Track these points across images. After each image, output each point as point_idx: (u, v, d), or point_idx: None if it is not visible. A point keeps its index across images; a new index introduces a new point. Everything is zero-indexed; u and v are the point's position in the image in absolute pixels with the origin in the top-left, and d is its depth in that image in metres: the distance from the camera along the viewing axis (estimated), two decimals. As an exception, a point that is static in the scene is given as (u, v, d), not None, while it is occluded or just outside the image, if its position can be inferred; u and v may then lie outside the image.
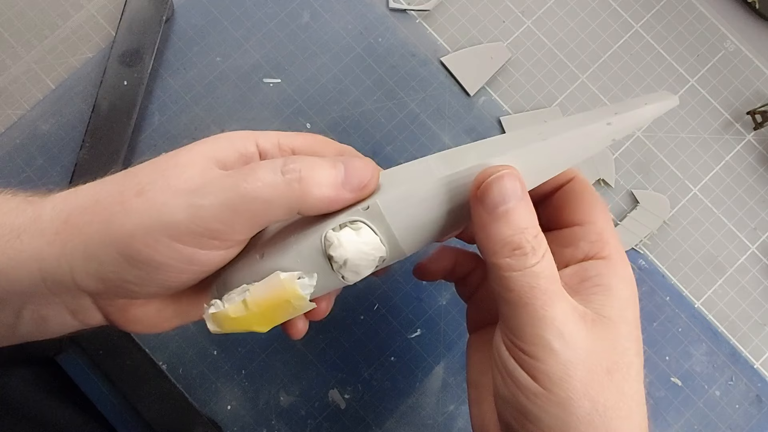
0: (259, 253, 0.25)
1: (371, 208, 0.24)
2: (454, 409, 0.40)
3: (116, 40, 0.42)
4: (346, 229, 0.24)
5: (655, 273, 0.42)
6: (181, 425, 0.38)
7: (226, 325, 0.25)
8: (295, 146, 0.27)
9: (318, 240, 0.24)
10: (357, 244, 0.24)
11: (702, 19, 0.45)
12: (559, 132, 0.24)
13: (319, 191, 0.23)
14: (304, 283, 0.24)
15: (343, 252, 0.23)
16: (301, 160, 0.23)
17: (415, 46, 0.44)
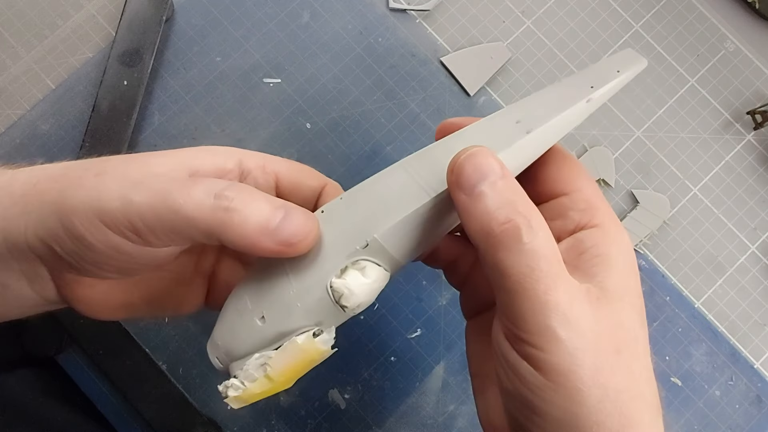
0: (257, 315, 0.24)
1: (371, 244, 0.23)
2: (454, 409, 0.40)
3: (116, 40, 0.42)
4: (350, 272, 0.23)
5: (655, 273, 0.42)
6: (181, 425, 0.38)
7: (252, 400, 0.24)
8: (280, 172, 0.26)
9: (323, 292, 0.23)
10: (366, 285, 0.23)
11: (702, 19, 0.45)
12: (540, 120, 0.23)
13: (241, 229, 0.21)
14: (324, 339, 0.23)
15: (356, 299, 0.23)
16: (241, 191, 0.22)
17: (415, 46, 0.44)
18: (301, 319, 0.23)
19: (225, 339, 0.25)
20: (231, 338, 0.24)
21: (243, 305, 0.24)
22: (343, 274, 0.23)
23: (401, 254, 0.23)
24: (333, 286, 0.23)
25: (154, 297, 0.27)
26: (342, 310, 0.23)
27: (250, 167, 0.26)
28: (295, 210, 0.22)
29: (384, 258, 0.23)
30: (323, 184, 0.27)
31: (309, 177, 0.27)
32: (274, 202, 0.22)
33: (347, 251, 0.23)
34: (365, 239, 0.23)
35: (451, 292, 0.41)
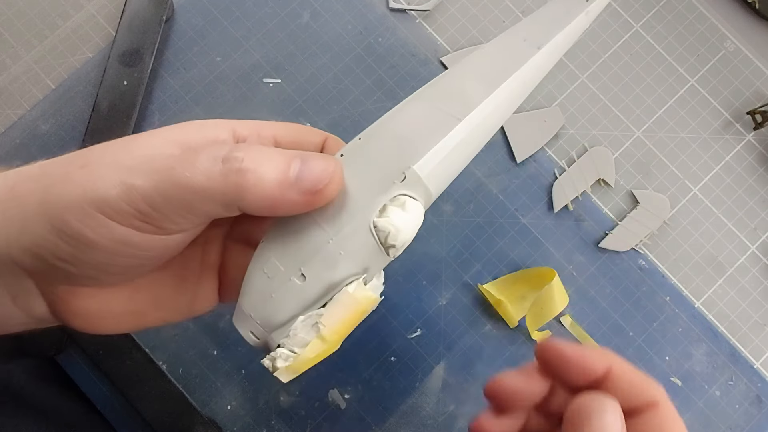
0: (294, 275, 0.22)
1: (408, 176, 0.22)
2: (454, 409, 0.40)
3: (116, 40, 0.42)
4: (390, 209, 0.22)
5: (655, 273, 0.42)
6: (181, 425, 0.38)
7: (305, 367, 0.23)
8: (277, 134, 0.25)
9: (366, 234, 0.22)
10: (410, 221, 0.22)
11: (702, 19, 0.45)
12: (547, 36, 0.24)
13: (260, 188, 0.20)
14: (375, 285, 0.23)
15: (404, 236, 0.22)
16: (249, 149, 0.20)
17: (415, 46, 0.44)
18: (347, 267, 0.22)
19: (258, 309, 0.23)
20: (266, 306, 0.23)
21: (272, 268, 0.23)
22: (383, 212, 0.22)
23: (436, 185, 0.22)
24: (378, 225, 0.22)
25: (163, 300, 0.25)
26: (386, 253, 0.22)
27: (244, 136, 0.24)
28: (312, 155, 0.21)
29: (420, 191, 0.22)
30: (324, 138, 0.26)
31: (308, 134, 0.26)
32: (287, 153, 0.21)
33: (383, 188, 0.22)
34: (402, 171, 0.22)
35: (451, 291, 0.41)
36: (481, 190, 0.42)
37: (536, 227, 0.42)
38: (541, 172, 0.43)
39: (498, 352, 0.41)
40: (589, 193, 0.43)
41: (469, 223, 0.42)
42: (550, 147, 0.43)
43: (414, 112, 0.23)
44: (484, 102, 0.23)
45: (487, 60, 0.24)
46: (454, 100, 0.23)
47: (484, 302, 0.41)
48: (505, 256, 0.42)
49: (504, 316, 0.41)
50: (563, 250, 0.42)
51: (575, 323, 0.41)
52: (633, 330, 0.41)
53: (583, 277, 0.42)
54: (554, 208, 0.42)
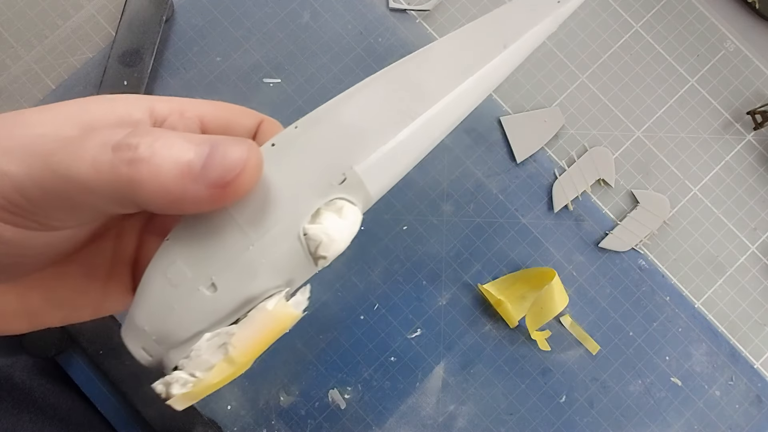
0: (203, 284, 0.18)
1: (348, 178, 0.19)
2: (454, 409, 0.40)
3: (116, 40, 0.42)
4: (325, 214, 0.19)
5: (655, 273, 0.42)
6: (181, 425, 0.38)
7: (205, 393, 0.19)
8: (204, 114, 0.21)
9: (295, 241, 0.19)
10: (345, 229, 0.19)
11: (702, 19, 0.45)
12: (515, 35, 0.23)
13: (157, 182, 0.16)
14: (299, 301, 0.20)
15: (337, 246, 0.19)
16: (148, 134, 0.17)
17: (415, 46, 0.44)
18: (268, 279, 0.19)
19: (155, 322, 0.19)
20: (166, 319, 0.19)
21: (178, 273, 0.19)
22: (316, 217, 0.19)
23: (377, 189, 0.20)
24: (308, 233, 0.19)
25: (64, 299, 0.22)
26: (315, 263, 0.19)
27: (164, 114, 0.21)
28: (225, 140, 0.17)
29: (360, 195, 0.19)
30: (258, 121, 0.23)
31: (240, 115, 0.22)
32: (194, 139, 0.17)
33: (319, 189, 0.19)
34: (342, 172, 0.19)
35: (451, 291, 0.41)
36: (481, 190, 0.42)
37: (536, 227, 0.42)
38: (541, 172, 0.43)
39: (498, 352, 0.41)
40: (589, 193, 0.43)
41: (469, 223, 0.42)
42: (550, 147, 0.43)
43: (363, 103, 0.20)
44: (442, 100, 0.20)
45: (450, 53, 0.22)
46: (410, 95, 0.20)
47: (484, 302, 0.41)
48: (505, 256, 0.42)
49: (504, 316, 0.41)
50: (563, 250, 0.42)
51: (575, 323, 0.41)
52: (633, 330, 0.41)
53: (583, 277, 0.42)
54: (554, 208, 0.42)
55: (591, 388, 0.40)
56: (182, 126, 0.21)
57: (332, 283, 0.41)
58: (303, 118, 0.20)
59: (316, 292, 0.41)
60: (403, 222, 0.42)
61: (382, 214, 0.42)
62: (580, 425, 0.40)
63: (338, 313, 0.41)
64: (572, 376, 0.41)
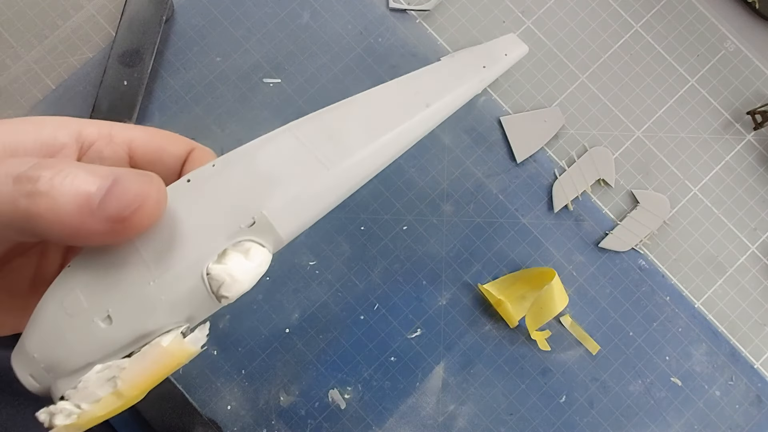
0: (98, 315, 0.18)
1: (258, 222, 0.19)
2: (454, 409, 0.40)
3: (116, 40, 0.42)
4: (231, 255, 0.19)
5: (655, 273, 0.42)
6: (181, 425, 0.38)
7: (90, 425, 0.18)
8: (134, 141, 0.21)
9: (197, 280, 0.18)
10: (251, 271, 0.19)
11: (702, 19, 0.45)
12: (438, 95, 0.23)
13: (55, 215, 0.16)
14: (196, 338, 0.19)
15: (240, 287, 0.19)
16: (52, 166, 0.17)
17: (415, 46, 0.44)
18: (166, 316, 0.18)
19: (46, 349, 0.18)
20: (57, 347, 0.18)
21: (74, 302, 0.18)
22: (222, 258, 0.19)
23: (289, 233, 0.20)
24: (211, 273, 0.19)
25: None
26: (218, 301, 0.19)
27: (93, 138, 0.21)
28: (128, 174, 0.17)
29: (269, 238, 0.19)
30: (189, 149, 0.23)
31: (171, 143, 0.22)
32: (97, 172, 0.17)
33: (228, 230, 0.19)
34: (251, 215, 0.19)
35: (451, 291, 0.41)
36: (481, 190, 0.42)
37: (536, 227, 0.42)
38: (541, 172, 0.43)
39: (498, 352, 0.41)
40: (589, 193, 0.43)
41: (469, 223, 0.42)
42: (550, 147, 0.43)
43: (282, 147, 0.20)
44: (359, 153, 0.21)
45: (374, 106, 0.22)
46: (329, 144, 0.21)
47: (484, 302, 0.41)
48: (505, 256, 0.42)
49: (504, 316, 0.41)
50: (563, 250, 0.42)
51: (575, 323, 0.41)
52: (633, 330, 0.41)
53: (583, 277, 0.42)
54: (554, 208, 0.42)
55: (591, 388, 0.40)
56: (109, 152, 0.21)
57: (332, 283, 0.41)
58: (221, 157, 0.20)
59: (316, 292, 0.41)
60: (403, 222, 0.42)
61: (382, 214, 0.42)
62: (580, 425, 0.40)
63: (338, 313, 0.41)
64: (572, 376, 0.41)
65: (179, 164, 0.22)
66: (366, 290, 0.41)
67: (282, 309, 0.41)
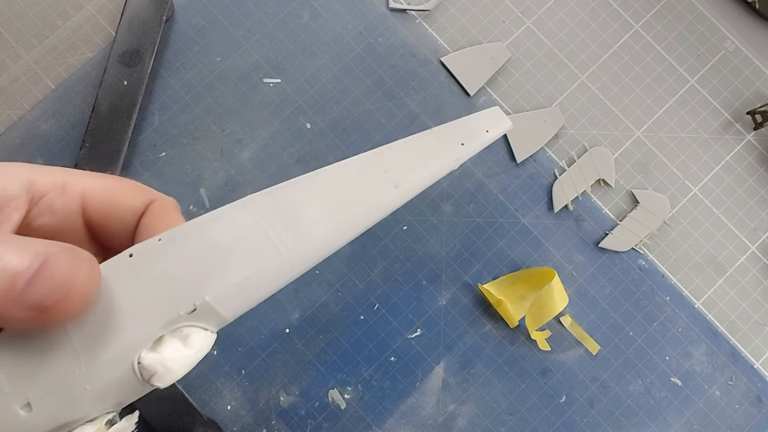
0: (17, 402, 0.17)
1: (199, 309, 0.18)
2: (454, 409, 0.40)
3: (116, 40, 0.42)
4: (168, 342, 0.18)
5: (655, 273, 0.42)
6: (181, 425, 0.38)
7: None
8: (88, 192, 0.20)
9: (127, 370, 0.17)
10: (188, 358, 0.18)
11: (702, 19, 0.45)
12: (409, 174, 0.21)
13: None
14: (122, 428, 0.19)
15: (174, 376, 0.17)
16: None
17: (415, 46, 0.44)
18: (91, 405, 0.17)
19: None
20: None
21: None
22: (158, 344, 0.17)
23: (234, 315, 0.19)
24: (143, 363, 0.17)
25: None
26: (149, 386, 0.18)
27: (44, 187, 0.19)
28: (59, 255, 0.16)
29: (213, 321, 0.18)
30: (147, 202, 0.21)
31: (128, 194, 0.21)
32: (29, 248, 0.16)
33: (166, 317, 0.18)
34: (192, 302, 0.18)
35: (451, 292, 0.41)
36: (481, 190, 0.42)
37: (536, 227, 0.42)
38: (541, 172, 0.43)
39: (498, 352, 0.41)
40: (589, 193, 0.43)
41: (469, 223, 0.42)
42: (550, 147, 0.43)
43: (235, 225, 0.19)
44: (316, 236, 0.19)
45: (339, 182, 0.21)
46: (286, 224, 0.19)
47: (484, 302, 0.41)
48: (505, 256, 0.42)
49: (504, 316, 0.41)
50: (563, 250, 0.42)
51: (575, 323, 0.41)
52: (633, 330, 0.41)
53: (583, 277, 0.42)
54: (554, 208, 0.42)
55: (591, 388, 0.40)
56: (60, 204, 0.20)
57: (332, 283, 0.41)
58: (168, 232, 0.19)
59: (316, 292, 0.41)
60: (403, 222, 0.42)
61: (382, 214, 0.42)
62: (580, 425, 0.40)
63: (338, 313, 0.41)
64: (572, 376, 0.41)
65: (136, 218, 0.21)
66: (366, 290, 0.41)
67: (282, 309, 0.41)
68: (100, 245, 0.22)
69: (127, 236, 0.20)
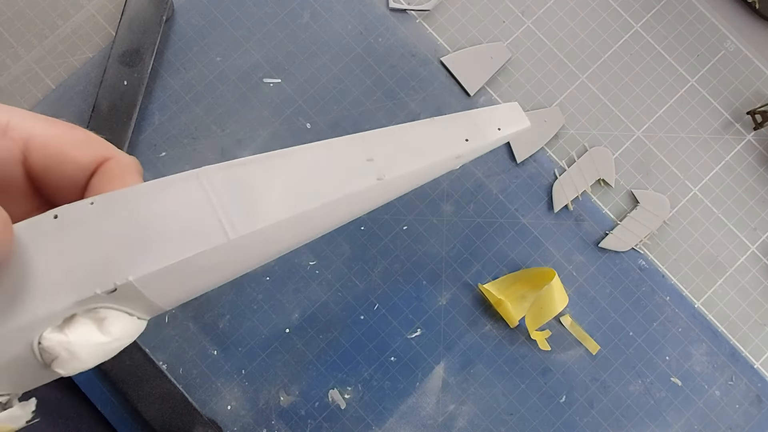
0: None
1: (121, 289, 0.15)
2: (454, 409, 0.40)
3: (116, 40, 0.42)
4: (79, 323, 0.15)
5: (655, 273, 0.42)
6: (181, 425, 0.38)
7: None
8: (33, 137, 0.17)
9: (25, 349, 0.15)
10: (100, 346, 0.15)
11: (702, 19, 0.45)
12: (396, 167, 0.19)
13: None
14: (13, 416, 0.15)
15: (79, 364, 0.15)
16: None
17: (415, 46, 0.44)
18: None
19: None
20: None
21: None
22: (66, 325, 0.15)
23: (169, 302, 0.16)
24: (44, 343, 0.15)
25: None
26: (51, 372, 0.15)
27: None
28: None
29: (140, 306, 0.16)
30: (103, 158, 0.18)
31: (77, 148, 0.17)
32: None
33: (80, 293, 0.15)
34: (113, 281, 0.15)
35: (451, 292, 0.41)
36: (481, 190, 0.42)
37: (536, 227, 0.42)
38: (541, 172, 0.43)
39: (498, 352, 0.41)
40: (589, 193, 0.43)
41: (469, 223, 0.42)
42: (550, 147, 0.43)
43: (181, 198, 0.16)
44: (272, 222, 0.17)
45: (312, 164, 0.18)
46: (240, 204, 0.16)
47: (484, 302, 0.41)
48: (505, 256, 0.42)
49: (504, 316, 0.41)
50: (563, 250, 0.42)
51: (575, 323, 0.41)
52: (633, 330, 0.41)
53: (583, 277, 0.42)
54: (554, 208, 0.42)
55: (591, 388, 0.40)
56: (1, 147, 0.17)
57: (332, 283, 0.41)
58: (103, 195, 0.16)
59: (316, 292, 0.41)
60: (403, 222, 0.42)
61: (382, 214, 0.42)
62: (580, 425, 0.40)
63: (338, 313, 0.41)
64: (572, 376, 0.41)
65: (85, 177, 0.18)
66: (366, 290, 0.41)
67: (282, 309, 0.41)
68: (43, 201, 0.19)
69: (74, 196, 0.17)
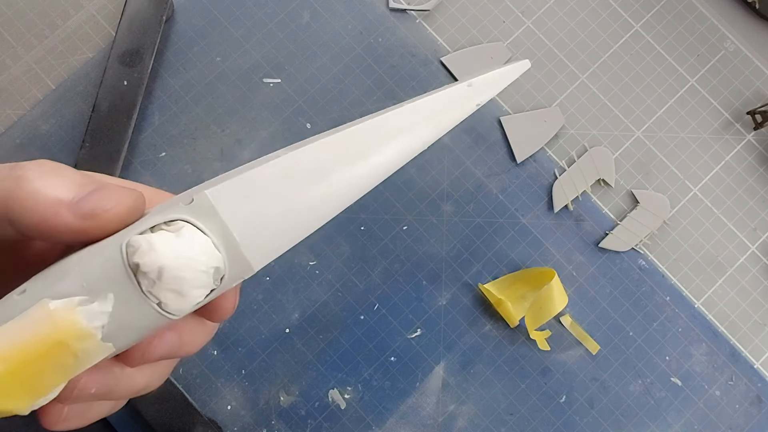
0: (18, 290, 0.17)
1: (196, 201, 0.17)
2: (454, 409, 0.40)
3: (116, 40, 0.42)
4: (160, 230, 0.17)
5: (655, 273, 0.42)
6: (181, 425, 0.38)
7: None
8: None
9: (116, 250, 0.17)
10: (177, 247, 0.16)
11: (702, 19, 0.45)
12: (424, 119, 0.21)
13: (31, 200, 0.17)
14: (90, 311, 0.16)
15: (156, 257, 0.16)
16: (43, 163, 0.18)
17: (415, 46, 0.44)
18: (72, 284, 0.16)
19: None
20: None
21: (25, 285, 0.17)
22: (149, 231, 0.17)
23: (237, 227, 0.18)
24: (129, 241, 0.17)
25: None
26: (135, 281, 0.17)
27: None
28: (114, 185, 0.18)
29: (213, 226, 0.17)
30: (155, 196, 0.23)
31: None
32: (85, 177, 0.18)
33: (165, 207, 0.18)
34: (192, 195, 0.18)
35: (451, 292, 0.41)
36: (481, 190, 0.42)
37: (536, 227, 0.42)
38: (541, 172, 0.43)
39: (498, 352, 0.41)
40: (589, 193, 0.43)
41: (469, 223, 0.42)
42: (550, 147, 0.43)
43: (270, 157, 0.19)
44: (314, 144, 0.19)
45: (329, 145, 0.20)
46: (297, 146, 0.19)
47: (484, 302, 0.41)
48: (505, 256, 0.42)
49: (504, 316, 0.41)
50: (563, 250, 0.42)
51: (575, 323, 0.41)
52: (633, 330, 0.41)
53: (583, 277, 0.42)
54: (554, 208, 0.42)
55: (591, 388, 0.40)
56: None
57: (332, 283, 0.41)
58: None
59: (316, 292, 0.41)
60: (403, 222, 0.42)
61: (382, 214, 0.42)
62: (580, 425, 0.40)
63: (338, 313, 0.41)
64: (572, 376, 0.41)
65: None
66: (366, 290, 0.41)
67: (282, 309, 0.41)
68: None
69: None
